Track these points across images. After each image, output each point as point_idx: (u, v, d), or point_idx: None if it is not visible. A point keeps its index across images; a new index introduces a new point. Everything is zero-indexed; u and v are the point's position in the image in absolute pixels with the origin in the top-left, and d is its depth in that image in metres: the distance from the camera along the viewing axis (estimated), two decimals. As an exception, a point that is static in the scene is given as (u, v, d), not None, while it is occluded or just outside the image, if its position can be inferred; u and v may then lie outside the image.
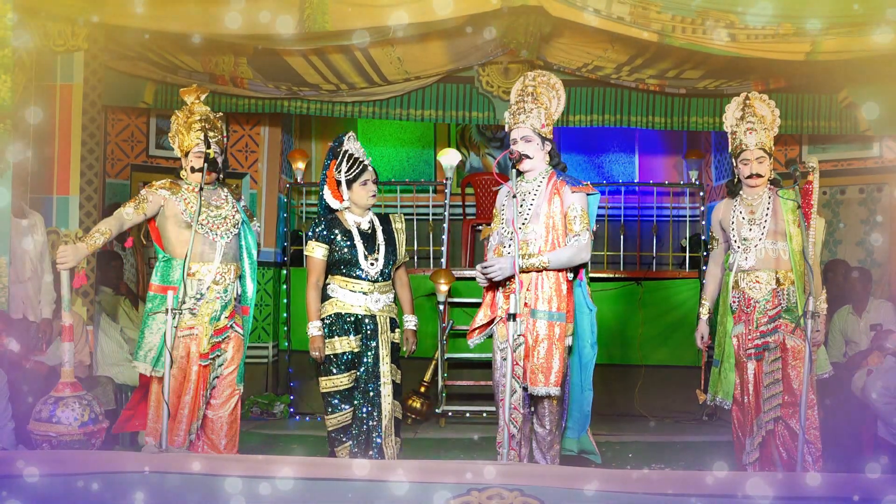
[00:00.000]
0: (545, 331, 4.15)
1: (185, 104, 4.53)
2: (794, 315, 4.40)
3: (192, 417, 4.37)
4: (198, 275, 4.38)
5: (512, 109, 4.32)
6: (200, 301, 4.37)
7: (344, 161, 4.54)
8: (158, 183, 4.48)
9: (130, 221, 4.39)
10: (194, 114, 4.48)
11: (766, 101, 4.60)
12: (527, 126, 4.25)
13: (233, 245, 4.50)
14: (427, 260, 8.22)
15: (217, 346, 4.42)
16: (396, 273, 4.71)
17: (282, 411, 7.56)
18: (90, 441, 4.44)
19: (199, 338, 4.37)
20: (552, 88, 4.36)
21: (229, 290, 4.46)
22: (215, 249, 4.41)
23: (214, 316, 4.40)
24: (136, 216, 4.39)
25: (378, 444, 4.46)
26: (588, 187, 4.28)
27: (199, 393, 4.38)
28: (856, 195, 7.29)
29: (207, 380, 4.42)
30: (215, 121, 4.52)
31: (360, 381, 4.50)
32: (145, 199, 4.40)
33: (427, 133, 9.42)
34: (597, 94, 7.06)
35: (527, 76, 4.37)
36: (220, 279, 4.42)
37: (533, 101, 4.28)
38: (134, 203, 4.39)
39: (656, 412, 7.50)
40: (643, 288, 7.71)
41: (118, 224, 4.36)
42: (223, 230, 4.45)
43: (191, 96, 4.52)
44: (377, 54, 6.46)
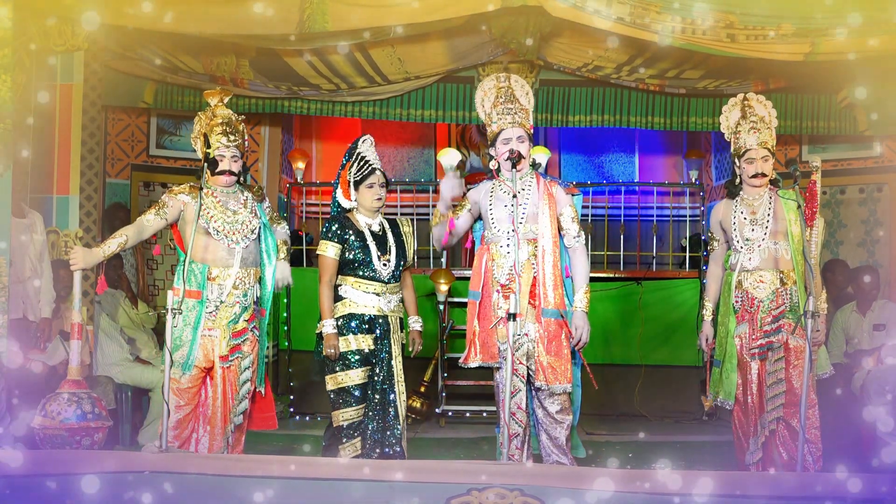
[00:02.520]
0: (555, 328, 4.21)
1: (209, 105, 4.53)
2: (797, 315, 4.40)
3: (224, 421, 4.41)
4: (218, 280, 4.38)
5: (497, 110, 4.35)
6: (220, 306, 4.38)
7: (356, 162, 4.57)
8: (179, 188, 4.49)
9: (151, 228, 4.42)
10: (216, 117, 4.47)
11: (763, 101, 4.62)
12: (521, 127, 4.31)
13: (252, 250, 4.50)
14: (427, 260, 8.22)
15: (237, 347, 4.43)
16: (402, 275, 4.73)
17: (282, 411, 7.55)
18: (93, 437, 4.45)
19: (218, 340, 4.39)
20: (521, 88, 4.45)
21: (249, 295, 4.46)
22: (233, 255, 4.41)
23: (233, 319, 4.41)
24: (157, 222, 4.41)
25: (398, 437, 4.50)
26: (573, 189, 4.36)
27: (227, 395, 4.41)
28: (856, 195, 7.29)
29: (236, 382, 4.43)
30: (237, 124, 4.52)
31: (374, 380, 4.52)
32: (165, 204, 4.42)
33: (427, 133, 9.42)
34: (597, 94, 7.06)
35: (499, 77, 4.44)
36: (240, 284, 4.42)
37: (515, 102, 4.36)
38: (155, 209, 4.43)
39: (656, 412, 7.50)
40: (643, 288, 7.71)
41: (137, 231, 4.41)
42: (240, 236, 4.44)
43: (214, 98, 4.53)
44: (377, 54, 6.45)
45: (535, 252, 4.23)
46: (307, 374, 7.38)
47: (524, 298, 4.19)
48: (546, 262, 4.21)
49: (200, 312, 4.34)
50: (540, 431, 4.33)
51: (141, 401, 6.24)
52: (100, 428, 4.50)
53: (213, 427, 4.43)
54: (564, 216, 4.29)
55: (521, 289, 4.15)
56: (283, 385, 7.80)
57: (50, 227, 5.95)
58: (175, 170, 7.65)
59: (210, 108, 4.52)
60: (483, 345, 4.32)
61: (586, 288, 4.26)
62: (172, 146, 7.70)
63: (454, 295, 7.35)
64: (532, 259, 4.23)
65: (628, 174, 9.31)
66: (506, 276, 4.24)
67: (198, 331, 4.34)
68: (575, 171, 9.33)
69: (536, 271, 4.22)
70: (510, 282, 4.21)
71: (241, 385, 4.45)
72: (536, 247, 4.24)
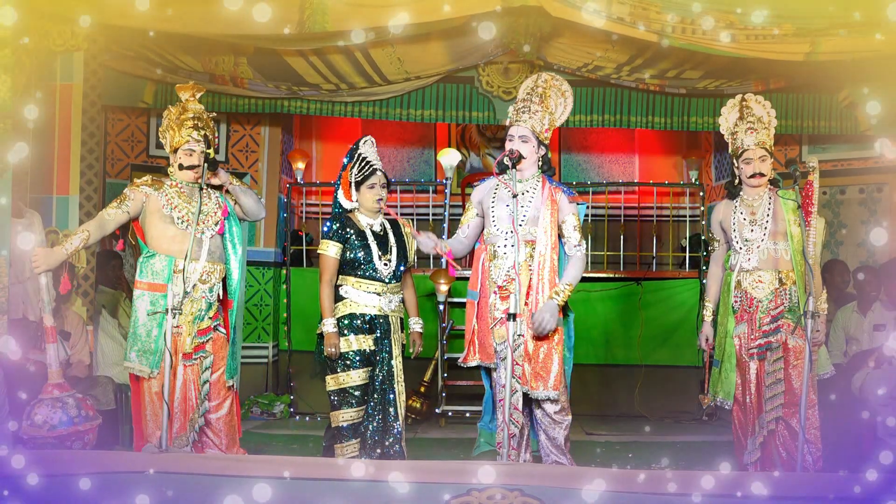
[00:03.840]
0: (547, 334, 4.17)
1: (181, 100, 4.52)
2: (796, 315, 4.40)
3: (185, 417, 4.35)
4: (185, 272, 4.35)
5: (517, 106, 4.34)
6: (185, 299, 4.34)
7: (357, 163, 4.57)
8: (140, 180, 4.47)
9: (113, 221, 4.38)
10: (187, 111, 4.47)
11: (762, 102, 4.63)
12: (527, 127, 4.27)
13: (218, 244, 4.49)
14: (427, 260, 8.22)
15: (201, 346, 4.41)
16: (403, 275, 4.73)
17: (282, 411, 7.55)
18: (83, 439, 4.43)
19: (183, 338, 4.36)
20: (562, 95, 4.40)
21: (214, 290, 4.45)
22: (201, 246, 4.39)
23: (199, 315, 4.39)
24: (119, 216, 4.38)
25: (398, 437, 4.51)
26: (579, 197, 4.34)
27: (188, 395, 4.36)
28: (856, 195, 7.29)
29: (198, 381, 4.40)
30: (207, 120, 4.52)
31: (375, 380, 4.52)
32: (127, 197, 4.40)
33: (427, 133, 9.42)
34: (597, 94, 7.06)
35: (540, 76, 4.41)
36: (207, 278, 4.41)
37: (540, 103, 4.31)
38: (116, 203, 4.39)
39: (656, 412, 7.50)
40: (643, 288, 7.71)
41: (98, 225, 4.35)
42: (205, 226, 4.41)
43: (186, 93, 4.52)
44: (377, 54, 6.45)
45: (531, 254, 4.23)
46: (307, 374, 7.38)
47: (522, 299, 4.18)
48: (543, 267, 4.20)
49: (164, 307, 4.28)
50: (539, 432, 4.33)
51: (141, 401, 6.23)
52: (89, 430, 4.46)
53: (170, 428, 4.30)
54: (566, 224, 4.26)
55: (519, 289, 4.14)
56: (282, 385, 7.81)
57: (50, 228, 5.94)
58: (175, 170, 7.64)
59: (181, 103, 4.50)
60: (481, 345, 4.32)
61: (570, 283, 4.18)
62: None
63: (454, 295, 7.35)
64: (529, 260, 4.22)
65: (628, 174, 9.31)
66: (503, 277, 4.23)
67: (163, 326, 4.28)
68: (575, 171, 9.33)
69: (532, 273, 4.21)
70: (507, 283, 4.20)
71: (202, 384, 4.41)
72: (534, 249, 4.23)
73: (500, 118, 7.08)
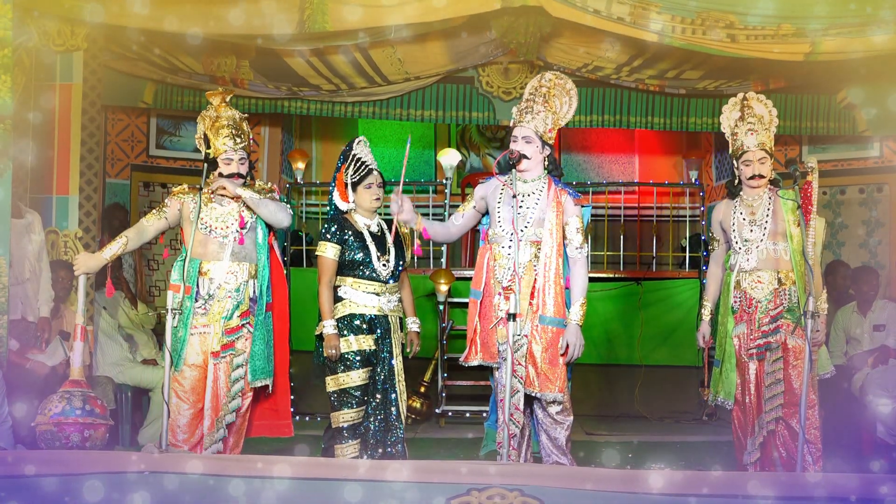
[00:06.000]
0: (552, 336, 4.18)
1: (211, 105, 4.54)
2: (796, 315, 4.40)
3: (214, 415, 4.38)
4: (209, 274, 4.39)
5: (521, 106, 4.33)
6: (211, 301, 4.38)
7: (352, 164, 4.57)
8: (178, 188, 4.55)
9: (153, 228, 4.49)
10: (221, 118, 4.49)
11: (763, 101, 4.61)
12: (530, 127, 4.26)
13: (246, 245, 4.49)
14: (427, 260, 8.22)
15: (230, 344, 4.41)
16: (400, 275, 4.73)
17: (283, 412, 7.54)
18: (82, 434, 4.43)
19: (211, 337, 4.39)
20: (566, 93, 4.38)
21: (241, 290, 4.45)
22: (223, 248, 4.42)
23: (226, 315, 4.40)
24: (158, 223, 4.48)
25: (399, 437, 4.52)
26: (584, 199, 4.34)
27: (217, 393, 4.38)
28: (856, 195, 7.29)
29: (227, 379, 4.41)
30: (241, 124, 4.53)
31: (375, 380, 4.53)
32: (165, 205, 4.49)
33: (427, 133, 9.41)
34: (597, 94, 7.06)
35: (544, 75, 4.39)
36: (231, 278, 4.42)
37: (543, 103, 4.29)
38: (155, 211, 4.50)
39: (656, 412, 7.49)
40: (643, 288, 7.71)
41: (137, 232, 4.48)
42: (229, 230, 4.43)
43: (216, 99, 4.54)
44: (377, 55, 6.45)
45: (536, 254, 4.22)
46: (307, 374, 7.37)
47: (524, 300, 4.18)
48: (548, 268, 4.19)
49: (190, 308, 4.35)
50: (540, 432, 4.33)
51: (141, 401, 6.24)
52: (91, 425, 4.46)
53: (201, 422, 4.38)
54: (570, 226, 4.25)
55: (520, 290, 4.14)
56: (282, 385, 7.80)
57: (49, 228, 5.95)
58: (175, 170, 7.65)
59: (213, 108, 4.52)
60: (483, 344, 4.31)
61: (583, 300, 4.19)
62: (172, 146, 7.71)
63: (454, 295, 7.35)
64: (534, 261, 4.22)
65: (628, 174, 9.31)
66: (507, 276, 4.23)
67: (188, 326, 4.34)
68: (575, 171, 9.33)
69: (537, 275, 4.21)
70: (511, 282, 4.20)
71: (232, 383, 4.42)
72: (539, 250, 4.23)
73: (499, 118, 7.08)
